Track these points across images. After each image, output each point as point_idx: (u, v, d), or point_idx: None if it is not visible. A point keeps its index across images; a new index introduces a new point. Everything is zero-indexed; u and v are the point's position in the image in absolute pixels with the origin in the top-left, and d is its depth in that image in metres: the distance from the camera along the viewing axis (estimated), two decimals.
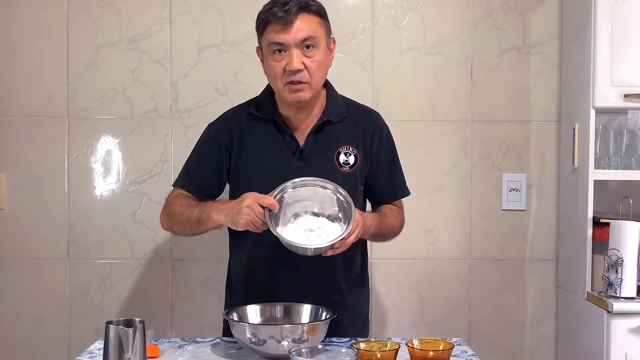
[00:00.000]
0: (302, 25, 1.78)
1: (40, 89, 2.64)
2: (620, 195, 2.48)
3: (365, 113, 2.00)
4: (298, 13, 1.77)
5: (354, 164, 1.91)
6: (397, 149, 2.03)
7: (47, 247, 2.66)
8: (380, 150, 1.95)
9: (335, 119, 1.91)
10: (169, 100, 2.66)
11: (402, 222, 2.03)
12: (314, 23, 1.80)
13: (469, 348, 1.81)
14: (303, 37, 1.78)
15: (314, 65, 1.80)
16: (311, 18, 1.80)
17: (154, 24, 2.65)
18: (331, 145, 1.90)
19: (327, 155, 1.89)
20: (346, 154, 1.91)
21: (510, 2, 2.69)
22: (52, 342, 2.65)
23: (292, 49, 1.78)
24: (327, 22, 1.86)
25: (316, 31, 1.80)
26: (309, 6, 1.80)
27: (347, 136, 1.92)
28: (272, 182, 1.79)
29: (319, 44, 1.81)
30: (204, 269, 2.66)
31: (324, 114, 1.90)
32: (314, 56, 1.80)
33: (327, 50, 1.86)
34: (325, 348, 1.56)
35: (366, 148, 1.93)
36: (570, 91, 2.61)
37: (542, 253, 2.73)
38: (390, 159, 2.00)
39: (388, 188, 2.00)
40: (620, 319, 2.27)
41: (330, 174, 1.85)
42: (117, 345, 1.45)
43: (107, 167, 2.67)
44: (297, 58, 1.77)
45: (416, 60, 2.69)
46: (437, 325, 2.71)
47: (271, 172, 1.85)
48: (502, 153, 2.71)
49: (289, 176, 1.81)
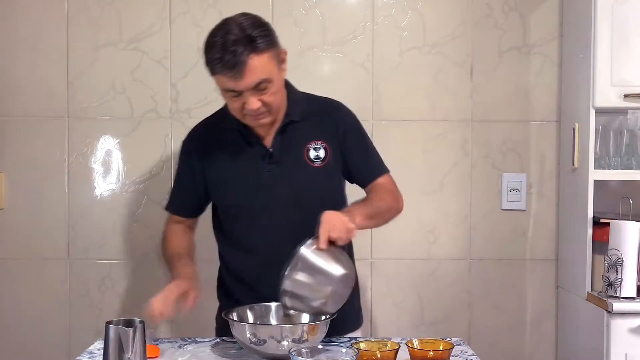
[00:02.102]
0: (253, 70, 1.70)
1: (41, 89, 2.64)
2: (620, 195, 2.48)
3: (328, 105, 1.99)
4: (247, 60, 1.69)
5: (325, 157, 1.91)
6: (365, 131, 2.01)
7: (47, 247, 2.66)
8: (346, 136, 1.94)
9: (299, 118, 1.91)
10: (169, 100, 2.66)
11: (394, 199, 1.96)
12: (264, 62, 1.72)
13: (469, 348, 1.81)
14: (255, 83, 1.73)
15: (270, 99, 1.78)
16: (261, 58, 1.71)
17: (154, 24, 2.65)
18: (299, 143, 1.91)
19: (296, 153, 1.90)
20: (315, 148, 1.91)
21: (510, 2, 2.69)
22: (52, 342, 2.65)
23: (245, 93, 1.75)
24: (275, 46, 1.77)
25: (267, 70, 1.73)
26: (256, 44, 1.70)
27: (314, 131, 1.92)
28: (247, 189, 1.87)
29: (272, 79, 1.76)
30: (204, 269, 2.64)
31: (286, 114, 1.90)
32: (269, 91, 1.77)
33: (280, 71, 1.81)
34: (325, 348, 1.56)
35: (334, 138, 1.93)
36: (570, 91, 2.61)
37: (542, 253, 2.73)
38: (360, 142, 1.99)
39: (366, 170, 1.98)
40: (620, 319, 2.27)
41: (302, 171, 1.88)
42: (117, 345, 1.46)
43: (107, 167, 2.67)
44: (252, 101, 1.75)
45: (416, 60, 2.69)
46: (437, 325, 2.71)
47: (245, 179, 1.89)
48: (502, 153, 2.71)
49: (263, 180, 1.87)
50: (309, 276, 1.64)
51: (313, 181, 1.89)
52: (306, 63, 2.67)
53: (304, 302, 1.66)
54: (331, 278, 1.65)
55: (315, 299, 1.65)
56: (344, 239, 1.68)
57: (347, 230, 1.68)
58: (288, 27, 2.65)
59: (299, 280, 1.63)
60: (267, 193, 1.88)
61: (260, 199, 1.88)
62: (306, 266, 1.64)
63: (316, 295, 1.64)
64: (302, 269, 1.63)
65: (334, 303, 1.67)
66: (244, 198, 1.88)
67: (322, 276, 1.64)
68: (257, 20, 1.77)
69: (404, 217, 2.65)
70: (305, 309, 1.69)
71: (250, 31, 1.71)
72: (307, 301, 1.65)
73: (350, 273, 1.70)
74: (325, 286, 1.64)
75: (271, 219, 1.87)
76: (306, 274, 1.64)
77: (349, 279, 1.69)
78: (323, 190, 1.91)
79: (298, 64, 2.66)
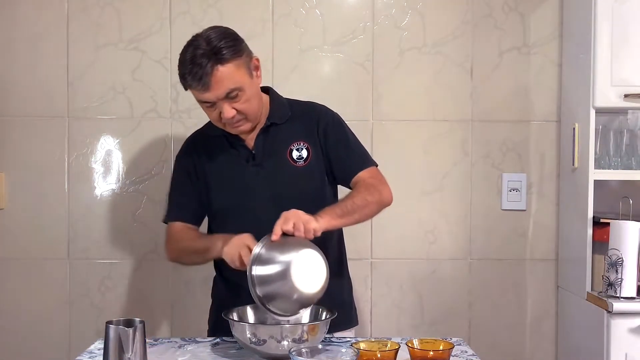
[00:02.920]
0: (220, 81, 1.77)
1: (40, 89, 2.64)
2: (620, 195, 2.48)
3: (310, 108, 2.03)
4: (213, 71, 1.75)
5: (307, 157, 1.94)
6: (349, 129, 2.02)
7: (47, 247, 2.66)
8: (327, 134, 1.97)
9: (279, 120, 1.96)
10: (169, 100, 2.66)
11: (375, 192, 1.92)
12: (231, 73, 1.78)
13: (469, 348, 1.81)
14: (225, 92, 1.79)
15: (244, 106, 1.83)
16: (227, 68, 1.77)
17: (154, 24, 2.65)
18: (281, 144, 1.95)
19: (278, 154, 1.94)
20: (298, 149, 1.95)
21: (510, 2, 2.69)
22: (52, 342, 2.65)
23: (218, 102, 1.81)
24: (243, 55, 1.82)
25: (236, 79, 1.79)
26: (221, 55, 1.76)
27: (296, 133, 1.96)
28: (232, 191, 1.93)
29: (243, 87, 1.81)
30: (204, 269, 2.65)
31: (268, 117, 1.95)
32: (242, 99, 1.82)
33: (253, 79, 1.86)
34: (325, 348, 1.56)
35: (315, 138, 1.96)
36: (570, 91, 2.61)
37: (542, 253, 2.73)
38: (341, 137, 1.99)
39: (347, 164, 1.98)
40: (620, 319, 2.27)
41: (285, 171, 1.92)
42: (117, 345, 1.46)
43: (107, 167, 2.67)
44: (226, 110, 1.82)
45: (416, 60, 2.69)
46: (437, 325, 2.71)
47: (230, 182, 1.94)
48: (502, 153, 2.71)
49: (247, 182, 1.92)
50: (269, 268, 1.64)
51: (296, 181, 1.93)
52: (306, 63, 2.67)
53: (282, 300, 1.64)
54: (288, 264, 1.63)
55: (286, 292, 1.63)
56: (301, 230, 1.67)
57: (305, 221, 1.68)
58: (288, 27, 2.66)
59: (260, 276, 1.63)
60: (252, 194, 1.92)
61: (246, 200, 1.93)
62: (262, 261, 1.64)
63: (285, 287, 1.63)
64: (259, 264, 1.64)
65: (307, 288, 1.64)
66: (230, 200, 1.94)
67: (280, 264, 1.64)
68: (225, 31, 1.83)
69: (404, 217, 2.67)
70: (290, 306, 1.66)
71: (215, 43, 1.77)
72: (282, 297, 1.64)
73: (307, 251, 1.67)
74: (288, 273, 1.62)
75: (257, 219, 1.88)
76: (265, 268, 1.64)
77: (310, 258, 1.66)
78: (306, 190, 1.93)
79: (298, 64, 2.66)
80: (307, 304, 1.68)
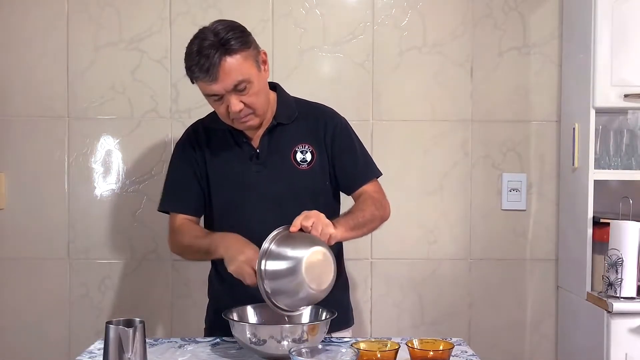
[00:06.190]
0: (228, 72, 1.75)
1: (40, 89, 2.64)
2: (620, 195, 2.48)
3: (317, 110, 2.01)
4: (220, 61, 1.73)
5: (312, 160, 1.93)
6: (356, 136, 2.02)
7: (47, 247, 2.66)
8: (334, 140, 1.96)
9: (286, 121, 1.94)
10: (169, 100, 2.66)
11: (379, 208, 1.93)
12: (239, 64, 1.76)
13: (469, 348, 1.81)
14: (233, 84, 1.77)
15: (252, 99, 1.81)
16: (235, 60, 1.75)
17: (154, 24, 2.65)
18: (286, 145, 1.93)
19: (283, 155, 1.93)
20: (302, 151, 1.94)
21: (510, 2, 2.69)
22: (52, 342, 2.66)
23: (226, 95, 1.79)
24: (250, 47, 1.80)
25: (244, 71, 1.77)
26: (230, 47, 1.75)
27: (301, 135, 1.94)
28: (234, 188, 1.92)
29: (251, 79, 1.79)
30: (204, 269, 2.65)
31: (275, 117, 1.94)
32: (250, 91, 1.80)
33: (261, 72, 1.84)
34: (325, 348, 1.56)
35: (321, 142, 1.95)
36: (570, 91, 2.61)
37: (542, 253, 2.73)
38: (348, 146, 1.99)
39: (353, 175, 1.98)
40: (620, 319, 2.27)
41: (288, 173, 1.91)
42: (117, 345, 1.46)
43: (107, 167, 2.67)
44: (234, 102, 1.79)
45: (416, 60, 2.69)
46: (437, 325, 2.71)
47: (232, 178, 1.93)
48: (502, 153, 2.71)
49: (250, 180, 1.91)
50: (280, 264, 1.63)
51: (298, 183, 1.92)
52: (306, 63, 2.67)
53: (289, 295, 1.63)
54: (300, 260, 1.61)
55: (294, 288, 1.62)
56: (318, 230, 1.66)
57: (325, 225, 1.67)
58: (288, 27, 2.66)
59: (271, 270, 1.62)
60: (253, 192, 1.91)
61: (247, 198, 1.92)
62: (273, 256, 1.63)
63: (294, 283, 1.61)
64: (270, 259, 1.63)
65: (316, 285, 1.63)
66: (231, 196, 1.93)
67: (291, 260, 1.62)
68: (231, 24, 1.81)
69: (404, 217, 2.67)
70: (296, 302, 1.66)
71: (223, 34, 1.76)
72: (289, 292, 1.63)
73: (318, 248, 1.64)
74: (299, 269, 1.60)
75: (257, 218, 1.88)
76: (276, 263, 1.63)
77: (320, 255, 1.64)
78: (307, 192, 1.92)
79: (298, 64, 2.66)
80: (313, 301, 1.67)
